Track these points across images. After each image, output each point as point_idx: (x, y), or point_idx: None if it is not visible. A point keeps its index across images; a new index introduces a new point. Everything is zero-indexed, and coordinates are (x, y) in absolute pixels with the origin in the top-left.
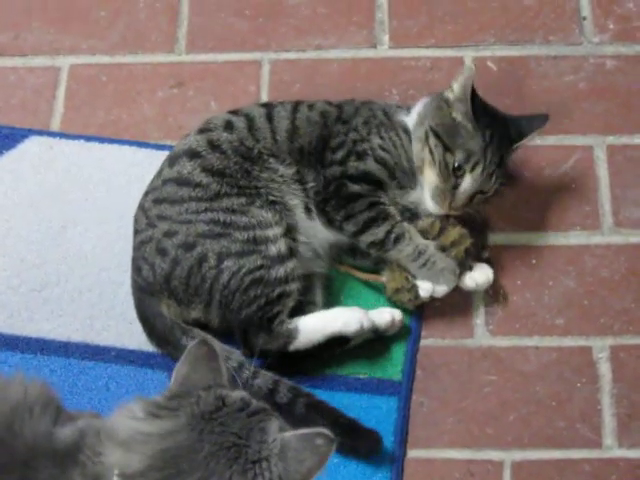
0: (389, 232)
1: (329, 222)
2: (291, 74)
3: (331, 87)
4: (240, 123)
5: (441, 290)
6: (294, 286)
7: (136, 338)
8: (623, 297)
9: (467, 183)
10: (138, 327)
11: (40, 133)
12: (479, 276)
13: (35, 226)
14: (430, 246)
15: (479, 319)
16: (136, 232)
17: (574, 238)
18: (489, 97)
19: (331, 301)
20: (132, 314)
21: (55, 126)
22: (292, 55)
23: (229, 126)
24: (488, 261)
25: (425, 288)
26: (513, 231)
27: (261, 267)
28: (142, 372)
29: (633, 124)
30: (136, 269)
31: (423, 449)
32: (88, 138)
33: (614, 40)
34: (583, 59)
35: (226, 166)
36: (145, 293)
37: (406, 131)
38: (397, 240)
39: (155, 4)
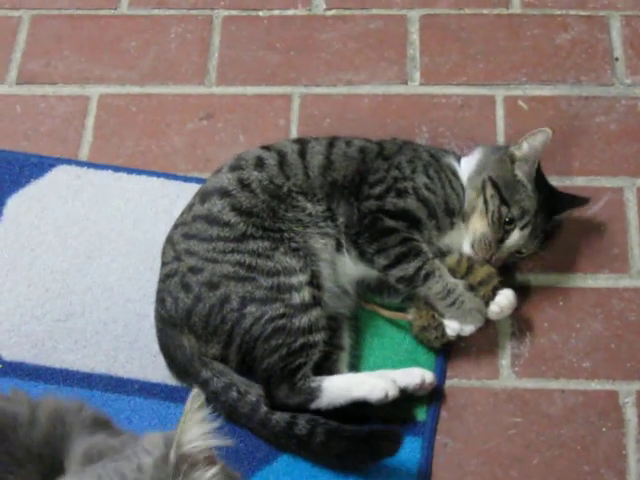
0: (420, 268)
1: (361, 254)
2: (321, 109)
3: (361, 122)
4: (271, 160)
5: (468, 329)
6: (318, 337)
7: (160, 371)
8: None
9: (514, 239)
10: (162, 360)
11: (68, 162)
12: (501, 299)
13: (61, 256)
14: (459, 285)
15: (505, 360)
16: (163, 264)
17: (602, 281)
18: (519, 136)
19: (358, 342)
20: (156, 347)
21: (83, 155)
22: (323, 90)
23: (260, 164)
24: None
25: (452, 327)
26: (541, 272)
27: (284, 315)
28: (165, 406)
29: None
30: (160, 300)
31: None
32: (116, 168)
33: None
34: (615, 100)
35: (254, 205)
36: (167, 325)
37: (455, 174)
38: (427, 277)
39: (186, 35)
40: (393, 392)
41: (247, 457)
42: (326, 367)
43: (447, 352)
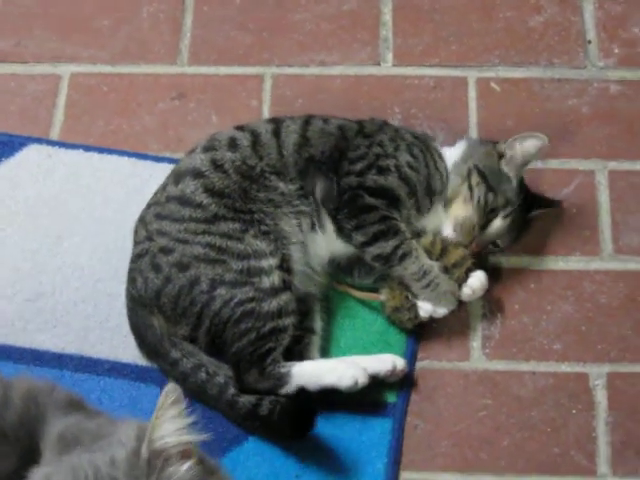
0: (397, 247)
1: (339, 230)
2: (293, 89)
3: (334, 103)
4: (244, 141)
5: (441, 312)
6: (288, 321)
7: (130, 351)
8: (621, 324)
9: (496, 226)
10: (132, 340)
11: (39, 141)
12: (474, 282)
13: (31, 235)
14: (435, 267)
15: (476, 342)
16: (135, 244)
17: (573, 263)
18: (492, 118)
19: (329, 323)
20: (127, 327)
21: (54, 135)
22: (295, 70)
23: (233, 144)
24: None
25: (425, 309)
26: (512, 254)
27: (253, 299)
28: (135, 386)
29: (636, 150)
30: (131, 280)
31: (416, 472)
32: (87, 148)
33: (619, 65)
34: (587, 83)
35: (226, 186)
36: (137, 304)
37: (440, 157)
38: (404, 257)
39: (158, 14)
40: (363, 380)
41: (217, 438)
42: (297, 351)
43: (418, 334)
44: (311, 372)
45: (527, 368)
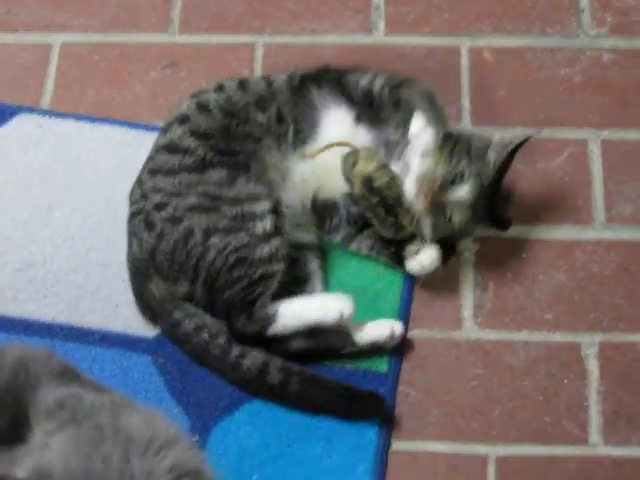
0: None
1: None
2: (285, 58)
3: None
4: (232, 83)
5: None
6: (277, 267)
7: (122, 321)
8: (613, 293)
9: (459, 193)
10: (124, 310)
11: (30, 111)
12: (423, 258)
13: (21, 205)
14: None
15: (467, 311)
16: (130, 204)
17: (565, 232)
18: (484, 88)
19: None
20: (118, 297)
21: (45, 104)
22: (286, 39)
23: (220, 87)
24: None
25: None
26: None
27: (246, 246)
28: (127, 356)
29: (628, 119)
30: (128, 244)
31: (407, 441)
32: (78, 117)
33: (611, 33)
34: (580, 52)
35: (209, 126)
36: (136, 269)
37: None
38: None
39: None
40: (348, 311)
41: (208, 407)
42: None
43: (409, 304)
44: (296, 309)
45: (519, 337)
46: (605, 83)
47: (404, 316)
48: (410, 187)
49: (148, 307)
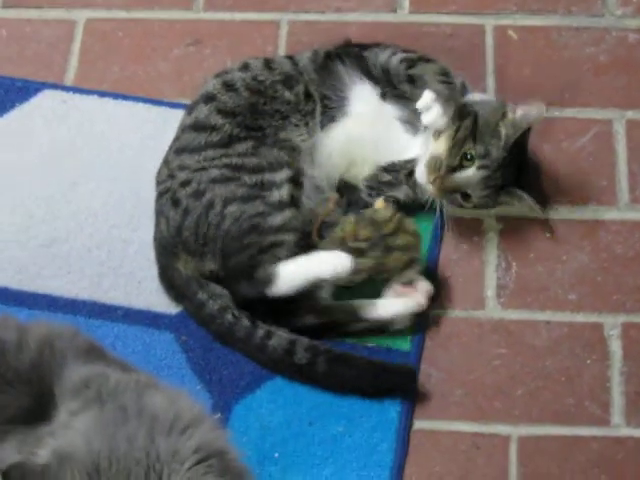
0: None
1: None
2: (309, 36)
3: None
4: (257, 62)
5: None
6: (287, 237)
7: (144, 298)
8: (636, 274)
9: (467, 175)
10: (147, 286)
11: (54, 87)
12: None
13: (45, 181)
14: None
15: (490, 291)
16: (157, 184)
17: (589, 213)
18: (509, 67)
19: None
20: (141, 273)
21: (69, 80)
22: (311, 16)
23: (245, 66)
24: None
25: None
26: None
27: (261, 214)
28: (149, 332)
29: None
30: (156, 224)
31: (429, 420)
32: (102, 94)
33: (637, 13)
34: (605, 31)
35: (237, 104)
36: (163, 248)
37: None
38: (429, 61)
39: None
40: (342, 267)
41: (230, 385)
42: None
43: (433, 282)
44: (294, 267)
45: (542, 317)
46: (630, 63)
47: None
48: (420, 177)
49: (173, 287)
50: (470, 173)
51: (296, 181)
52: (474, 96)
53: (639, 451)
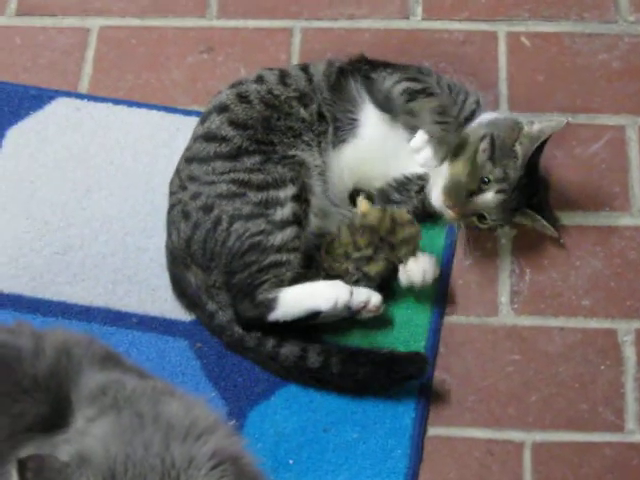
0: (426, 88)
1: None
2: (322, 43)
3: None
4: (272, 76)
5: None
6: (288, 257)
7: (158, 305)
8: None
9: (486, 198)
10: (161, 294)
11: (68, 94)
12: (415, 273)
13: (60, 189)
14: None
15: (504, 297)
16: (170, 195)
17: (603, 219)
18: (521, 73)
19: None
20: (155, 281)
21: (83, 88)
22: (324, 24)
23: (260, 79)
24: None
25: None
26: None
27: (262, 232)
28: (163, 339)
29: None
30: (168, 234)
31: (444, 427)
32: (116, 101)
33: None
34: (618, 38)
35: (249, 117)
36: (174, 257)
37: (472, 113)
38: (430, 95)
39: None
40: (343, 299)
41: (245, 392)
42: None
43: (445, 289)
44: (295, 296)
45: (555, 324)
46: None
47: (441, 302)
48: (436, 201)
49: (185, 296)
50: (489, 197)
51: (301, 198)
52: (487, 115)
53: None
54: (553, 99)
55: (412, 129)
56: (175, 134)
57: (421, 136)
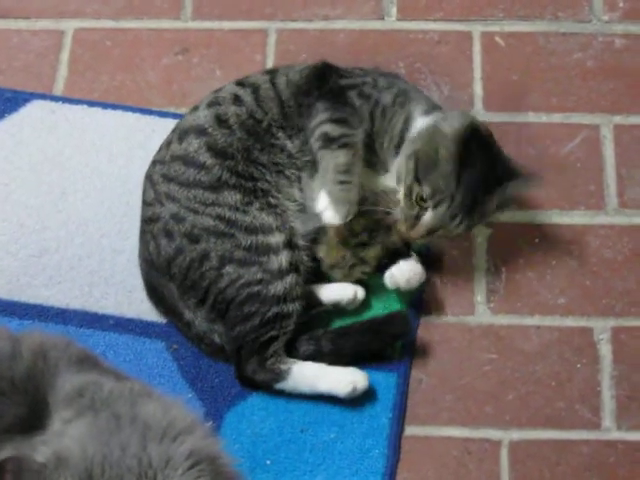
0: (344, 135)
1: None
2: (297, 44)
3: (337, 58)
4: (247, 96)
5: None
6: (292, 307)
7: (135, 307)
8: (626, 278)
9: (428, 217)
10: (137, 296)
11: (43, 97)
12: (399, 276)
13: (35, 191)
14: (355, 177)
15: (480, 296)
16: (144, 204)
17: (578, 218)
18: (496, 73)
19: None
20: (131, 282)
21: (58, 90)
22: (299, 25)
23: (237, 99)
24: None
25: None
26: (516, 209)
27: (260, 281)
28: (140, 341)
29: None
30: (144, 243)
31: (421, 426)
32: (91, 103)
33: (624, 19)
34: (592, 37)
35: (229, 144)
36: (152, 267)
37: (407, 122)
38: (344, 146)
39: None
40: (361, 385)
41: (222, 393)
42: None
43: (422, 289)
44: (310, 375)
45: (532, 322)
46: (617, 68)
47: (417, 301)
48: (400, 228)
49: (162, 303)
50: (431, 215)
51: (292, 244)
52: (419, 123)
53: (630, 454)
54: (528, 98)
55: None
56: (150, 135)
57: (324, 199)
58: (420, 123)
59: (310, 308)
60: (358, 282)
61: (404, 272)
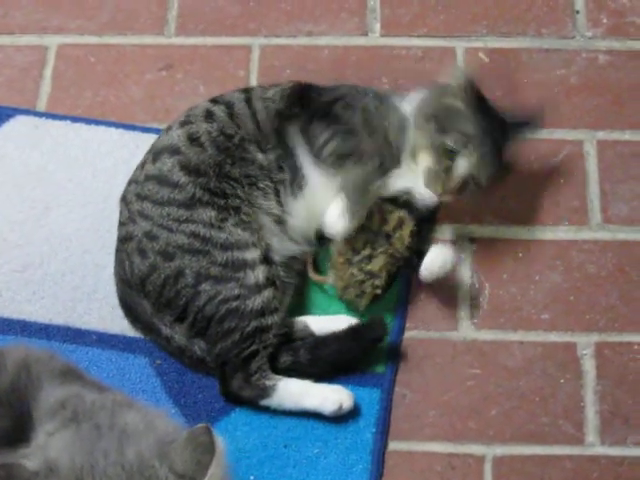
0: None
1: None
2: (281, 60)
3: (321, 74)
4: (221, 112)
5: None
6: (271, 320)
7: (118, 322)
8: (609, 294)
9: (460, 164)
10: (120, 311)
11: (26, 113)
12: (432, 264)
13: (18, 206)
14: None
15: (464, 312)
16: (119, 224)
17: (562, 233)
18: (480, 89)
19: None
20: (114, 298)
21: (41, 106)
22: (283, 41)
23: (209, 116)
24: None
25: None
26: (500, 224)
27: (238, 297)
28: (123, 357)
29: (624, 120)
30: (119, 261)
31: (404, 441)
32: (74, 119)
33: (607, 35)
34: (575, 53)
35: (202, 161)
36: (126, 285)
37: (396, 110)
38: (358, 161)
39: None
40: (348, 403)
41: (205, 408)
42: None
43: (405, 304)
44: (295, 392)
45: (515, 338)
46: (601, 84)
47: (401, 316)
48: (427, 199)
49: (138, 321)
50: (463, 162)
51: (267, 259)
52: (411, 98)
53: (613, 469)
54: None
55: None
56: (134, 151)
57: (336, 207)
58: (407, 105)
59: (301, 338)
60: (374, 299)
61: (434, 260)
